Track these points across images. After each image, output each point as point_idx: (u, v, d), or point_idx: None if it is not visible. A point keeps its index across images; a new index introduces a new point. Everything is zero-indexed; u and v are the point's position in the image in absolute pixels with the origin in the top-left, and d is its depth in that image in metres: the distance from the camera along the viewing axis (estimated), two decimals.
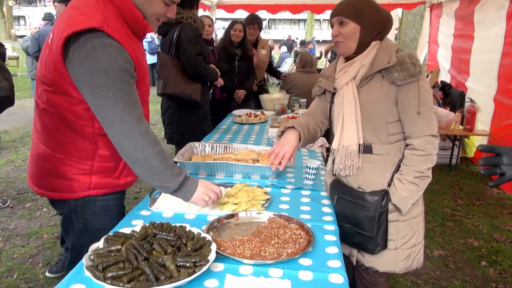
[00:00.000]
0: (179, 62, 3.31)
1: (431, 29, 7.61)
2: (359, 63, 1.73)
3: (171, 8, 1.63)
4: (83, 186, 1.65)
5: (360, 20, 1.69)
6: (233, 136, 3.13)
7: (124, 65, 1.44)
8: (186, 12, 3.34)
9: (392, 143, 1.75)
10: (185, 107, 3.39)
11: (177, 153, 2.51)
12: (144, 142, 1.48)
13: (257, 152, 2.35)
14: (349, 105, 1.73)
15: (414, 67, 1.63)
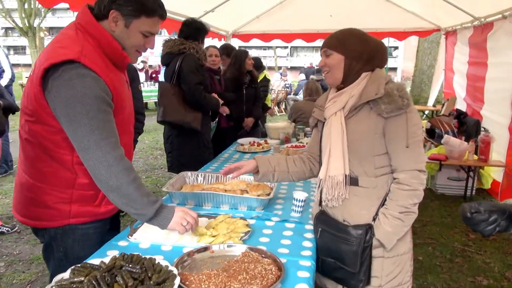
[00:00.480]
0: (180, 91, 3.39)
1: (447, 57, 7.55)
2: (348, 93, 1.73)
3: (149, 39, 1.67)
4: (63, 215, 1.68)
5: (344, 50, 1.71)
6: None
7: (100, 94, 1.49)
8: (189, 43, 3.45)
9: (379, 176, 1.73)
10: (185, 135, 3.45)
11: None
12: (119, 169, 1.50)
13: (247, 182, 2.34)
14: (336, 135, 1.73)
15: (402, 100, 1.62)
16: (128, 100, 1.76)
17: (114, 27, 1.59)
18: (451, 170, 5.25)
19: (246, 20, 7.73)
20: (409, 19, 7.23)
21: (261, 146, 3.70)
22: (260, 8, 7.34)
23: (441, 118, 6.12)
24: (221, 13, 6.50)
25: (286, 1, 7.29)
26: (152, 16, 1.61)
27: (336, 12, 7.25)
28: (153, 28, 1.64)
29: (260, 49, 43.14)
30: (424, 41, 9.62)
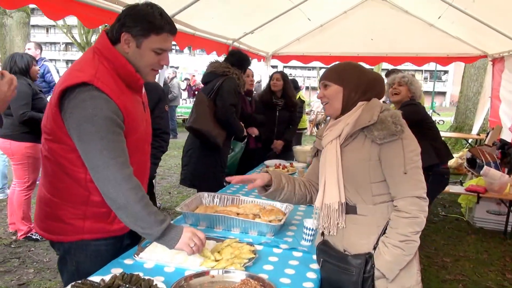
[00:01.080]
0: (214, 107, 3.51)
1: (493, 84, 7.22)
2: (344, 122, 1.76)
3: (163, 56, 1.72)
4: (77, 230, 1.75)
5: (342, 82, 1.77)
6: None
7: (110, 115, 1.55)
8: (233, 69, 3.62)
9: (378, 204, 1.70)
10: (205, 151, 3.52)
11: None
12: (126, 187, 1.55)
13: (261, 207, 2.34)
14: (331, 162, 1.75)
15: (395, 126, 1.63)
16: (142, 120, 1.82)
17: (127, 49, 1.65)
18: (491, 203, 4.97)
19: (286, 42, 7.80)
20: (453, 44, 7.02)
21: (286, 169, 3.70)
22: (300, 30, 7.40)
23: (483, 148, 5.83)
24: (261, 35, 6.60)
25: (326, 24, 7.32)
26: (161, 33, 1.65)
27: (377, 36, 7.19)
28: (163, 45, 1.67)
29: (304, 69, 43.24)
30: (470, 67, 9.28)
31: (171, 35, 1.70)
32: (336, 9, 6.96)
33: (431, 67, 25.43)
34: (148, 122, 1.92)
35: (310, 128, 13.46)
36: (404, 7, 6.72)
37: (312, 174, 2.02)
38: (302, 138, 8.04)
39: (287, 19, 6.20)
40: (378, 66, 24.95)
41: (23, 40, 9.34)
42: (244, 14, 5.60)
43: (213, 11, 4.93)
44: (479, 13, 5.20)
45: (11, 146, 3.93)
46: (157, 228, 1.61)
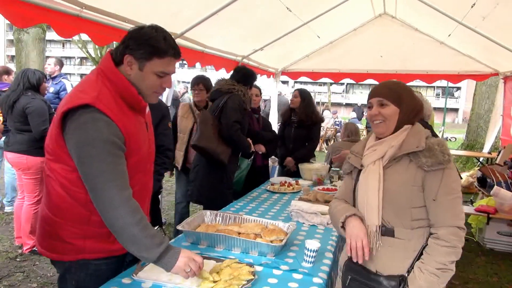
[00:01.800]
0: (219, 124, 3.52)
1: (505, 102, 7.14)
2: (388, 143, 1.78)
3: (165, 79, 1.72)
4: (77, 250, 1.74)
5: (400, 103, 1.78)
6: (257, 205, 3.14)
7: (110, 138, 1.56)
8: (239, 86, 3.64)
9: (415, 229, 1.73)
10: (212, 168, 3.51)
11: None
12: (125, 210, 1.55)
13: (263, 226, 2.32)
14: (373, 184, 1.75)
15: (442, 155, 1.66)
16: (145, 141, 1.82)
17: (129, 71, 1.66)
18: (502, 224, 4.86)
19: (295, 59, 7.84)
20: (464, 62, 6.98)
21: (291, 187, 3.67)
22: (310, 47, 7.43)
23: (493, 167, 5.73)
24: (271, 51, 6.64)
25: (336, 41, 7.35)
26: (164, 57, 1.65)
27: (387, 53, 7.19)
28: (166, 68, 1.68)
29: (315, 85, 43.35)
30: (482, 84, 9.20)
31: (174, 59, 1.70)
32: (346, 27, 6.99)
33: (443, 83, 25.29)
34: (151, 141, 1.93)
35: (320, 144, 13.40)
36: (414, 25, 6.72)
37: (346, 193, 1.99)
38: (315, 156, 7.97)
39: (296, 36, 6.24)
40: None
41: (38, 55, 9.54)
42: (254, 32, 5.66)
43: (222, 29, 4.99)
44: (489, 31, 5.17)
45: (27, 161, 3.99)
46: (153, 252, 1.59)
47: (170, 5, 3.94)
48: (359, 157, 1.90)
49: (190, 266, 1.64)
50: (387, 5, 6.41)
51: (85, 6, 3.24)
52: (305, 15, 5.63)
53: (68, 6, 3.15)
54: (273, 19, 5.34)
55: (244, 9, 4.54)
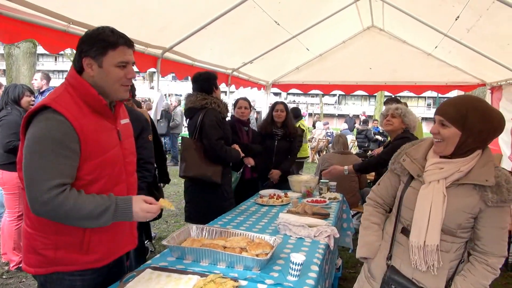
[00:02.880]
0: (202, 145, 3.47)
1: None
2: (456, 166, 1.75)
3: (128, 69, 1.76)
4: (50, 261, 1.72)
5: (463, 127, 1.70)
6: (245, 218, 3.12)
7: (58, 137, 1.57)
8: (210, 98, 3.54)
9: (456, 243, 1.82)
10: (205, 186, 3.48)
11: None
12: (54, 203, 1.55)
13: (249, 240, 2.31)
14: (438, 204, 1.78)
15: (508, 193, 1.70)
16: (113, 147, 1.80)
17: (91, 72, 1.71)
18: None
19: (285, 71, 7.92)
20: (452, 73, 7.11)
21: (280, 199, 3.66)
22: (299, 59, 7.53)
23: None
24: (261, 64, 6.71)
25: (325, 54, 7.45)
26: (117, 48, 1.70)
27: (376, 65, 7.30)
28: (124, 57, 1.73)
29: (307, 96, 43.56)
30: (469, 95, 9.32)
31: (128, 47, 1.75)
32: (334, 40, 7.09)
33: (433, 94, 25.54)
34: (127, 151, 1.92)
35: (312, 155, 13.44)
36: (401, 37, 6.84)
37: (387, 197, 2.08)
38: (303, 167, 7.98)
39: (286, 49, 6.32)
40: (380, 93, 25.23)
41: (29, 69, 9.52)
42: (243, 45, 5.72)
43: (211, 42, 5.03)
44: (474, 43, 5.27)
45: (2, 176, 3.94)
46: (104, 218, 1.64)
47: (157, 20, 3.98)
48: (416, 165, 1.89)
49: (146, 213, 1.71)
50: (375, 18, 6.53)
51: (72, 22, 3.26)
52: (294, 28, 5.71)
53: (56, 22, 3.17)
54: (262, 32, 5.40)
55: (232, 23, 4.60)
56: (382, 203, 2.12)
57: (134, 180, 2.01)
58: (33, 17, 2.97)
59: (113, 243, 1.85)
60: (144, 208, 1.71)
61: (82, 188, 1.66)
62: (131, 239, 1.98)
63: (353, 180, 4.84)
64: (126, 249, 1.95)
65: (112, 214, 1.65)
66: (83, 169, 1.66)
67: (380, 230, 2.05)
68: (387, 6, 5.46)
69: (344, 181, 4.64)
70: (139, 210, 1.70)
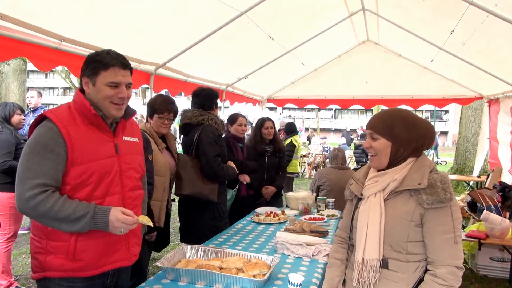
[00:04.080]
0: (198, 163, 3.46)
1: (490, 125, 7.31)
2: (390, 176, 1.78)
3: (119, 89, 1.86)
4: (41, 266, 1.81)
5: (392, 137, 1.77)
6: (241, 237, 3.11)
7: (45, 141, 1.73)
8: (207, 114, 3.55)
9: (411, 262, 1.74)
10: (200, 206, 3.46)
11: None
12: (34, 202, 1.67)
13: (246, 260, 2.30)
14: (374, 217, 1.76)
15: (444, 193, 1.66)
16: (105, 157, 1.86)
17: (88, 90, 1.87)
18: (494, 249, 4.87)
19: (281, 86, 7.99)
20: (448, 86, 7.19)
21: (277, 217, 3.66)
22: (294, 74, 7.60)
23: (482, 191, 5.79)
24: (255, 79, 6.76)
25: (320, 68, 7.54)
26: (108, 69, 1.82)
27: (372, 79, 7.38)
28: (114, 78, 1.83)
29: (304, 111, 43.76)
30: (467, 108, 9.41)
31: (122, 69, 1.86)
32: (330, 54, 7.18)
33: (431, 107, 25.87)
34: (127, 165, 1.96)
35: (309, 171, 13.44)
36: (397, 51, 6.94)
37: (348, 224, 2.00)
38: (293, 182, 7.96)
39: (280, 64, 6.38)
40: (377, 107, 25.37)
41: (19, 87, 9.55)
42: (237, 60, 5.77)
43: (204, 58, 5.08)
44: (470, 57, 5.35)
45: None
46: (79, 224, 1.71)
47: (151, 36, 4.02)
48: (360, 185, 1.91)
49: (122, 224, 1.75)
50: (370, 32, 6.62)
51: (64, 39, 3.28)
52: (288, 43, 5.77)
53: (47, 39, 3.19)
54: (256, 47, 5.46)
55: (226, 39, 4.65)
56: (346, 236, 2.04)
57: (136, 196, 2.02)
58: (24, 34, 2.99)
59: (102, 254, 1.86)
60: (120, 218, 1.75)
61: (69, 193, 1.76)
62: (126, 255, 1.96)
63: None
64: (118, 264, 1.94)
65: (89, 221, 1.72)
66: (69, 173, 1.76)
67: (343, 265, 1.99)
68: (381, 20, 5.55)
69: (342, 197, 4.61)
70: (115, 219, 1.74)
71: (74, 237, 1.77)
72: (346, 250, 2.00)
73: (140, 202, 2.07)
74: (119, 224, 1.74)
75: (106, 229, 1.75)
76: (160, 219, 3.12)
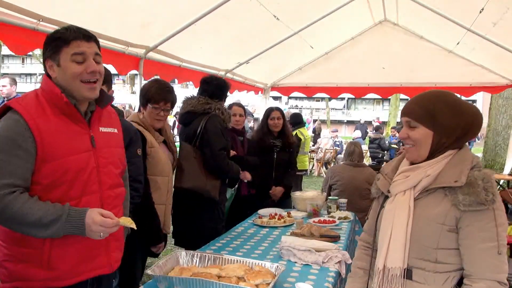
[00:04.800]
0: (202, 155, 3.47)
1: None
2: (423, 171, 1.70)
3: (87, 64, 1.83)
4: (11, 275, 1.80)
5: (434, 125, 1.69)
6: (242, 242, 3.12)
7: (12, 136, 1.70)
8: (214, 103, 3.58)
9: (439, 273, 1.66)
10: (199, 204, 3.47)
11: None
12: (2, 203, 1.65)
13: (247, 268, 2.30)
14: (400, 219, 1.70)
15: (485, 194, 1.57)
16: (78, 152, 1.84)
17: (53, 74, 1.84)
18: None
19: (287, 72, 7.95)
20: (476, 72, 7.11)
21: (283, 219, 3.66)
22: (302, 59, 7.56)
23: None
24: (258, 65, 6.73)
25: (332, 52, 7.48)
26: (70, 43, 1.80)
27: (390, 64, 7.32)
28: (78, 49, 1.81)
29: (312, 100, 43.75)
30: (497, 97, 9.38)
31: (85, 41, 1.83)
32: (342, 36, 7.14)
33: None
34: (105, 160, 1.95)
35: (318, 168, 13.45)
36: (418, 32, 6.87)
37: (372, 225, 1.96)
38: (302, 181, 7.96)
39: (286, 48, 6.35)
40: (395, 97, 25.40)
41: None
42: (237, 43, 5.75)
43: (201, 40, 5.06)
44: (501, 38, 5.30)
45: None
46: (54, 228, 1.69)
47: (139, 16, 4.00)
48: (387, 180, 1.86)
49: (99, 227, 1.72)
50: (388, 11, 6.57)
51: (42, 19, 3.27)
52: (296, 24, 5.74)
53: (23, 19, 3.18)
54: (259, 28, 5.43)
55: (225, 19, 4.63)
56: (370, 241, 1.98)
57: (117, 195, 2.01)
58: None
59: (80, 261, 1.86)
60: (98, 221, 1.72)
61: (40, 194, 1.73)
62: (106, 261, 1.96)
63: (366, 196, 4.82)
64: (98, 272, 1.94)
65: (63, 225, 1.70)
66: (40, 171, 1.74)
67: (366, 275, 1.95)
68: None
69: (356, 198, 4.65)
70: (92, 222, 1.71)
71: (48, 243, 1.75)
72: (371, 257, 1.93)
73: (121, 201, 2.07)
74: (96, 227, 1.72)
75: (83, 233, 1.73)
76: (166, 225, 3.11)
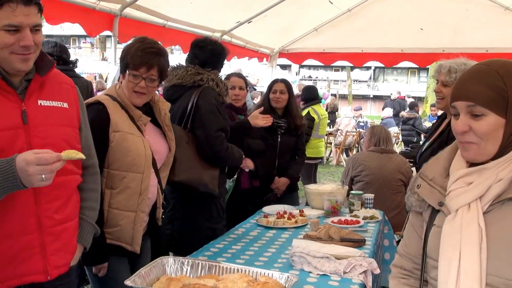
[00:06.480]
0: (195, 139, 3.45)
1: None
2: (493, 174, 1.54)
3: (21, 34, 1.84)
4: None
5: (507, 111, 1.52)
6: (244, 247, 3.14)
7: None
8: (207, 74, 3.52)
9: None
10: (194, 200, 3.49)
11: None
12: None
13: (250, 278, 2.32)
14: (470, 244, 1.53)
15: None
16: (3, 128, 1.86)
17: None
18: None
19: (298, 34, 7.91)
20: None
21: (294, 219, 3.67)
22: (319, 17, 7.52)
23: None
24: (263, 25, 6.72)
25: (356, 9, 7.42)
26: (3, 5, 1.78)
27: (429, 25, 7.28)
28: (13, 19, 1.80)
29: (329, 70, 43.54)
30: None
31: (21, 4, 1.81)
32: None
33: None
34: (42, 141, 1.94)
35: (337, 155, 13.47)
36: None
37: (415, 248, 1.84)
38: (315, 171, 7.88)
39: (299, 3, 6.33)
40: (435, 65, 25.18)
41: None
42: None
43: None
44: None
45: None
46: None
47: None
48: (435, 188, 1.70)
49: (36, 167, 1.71)
50: None
51: None
52: None
53: None
54: None
55: None
56: (411, 268, 1.87)
57: (58, 185, 1.97)
58: None
59: (4, 264, 1.88)
60: (31, 160, 1.71)
61: None
62: (41, 266, 1.98)
63: (397, 190, 4.84)
64: (29, 279, 1.95)
65: None
66: None
67: None
68: None
69: (386, 192, 4.67)
70: (25, 164, 1.70)
71: None
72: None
73: (66, 192, 2.07)
74: (33, 168, 1.70)
75: (18, 185, 1.73)
76: (135, 241, 2.77)
